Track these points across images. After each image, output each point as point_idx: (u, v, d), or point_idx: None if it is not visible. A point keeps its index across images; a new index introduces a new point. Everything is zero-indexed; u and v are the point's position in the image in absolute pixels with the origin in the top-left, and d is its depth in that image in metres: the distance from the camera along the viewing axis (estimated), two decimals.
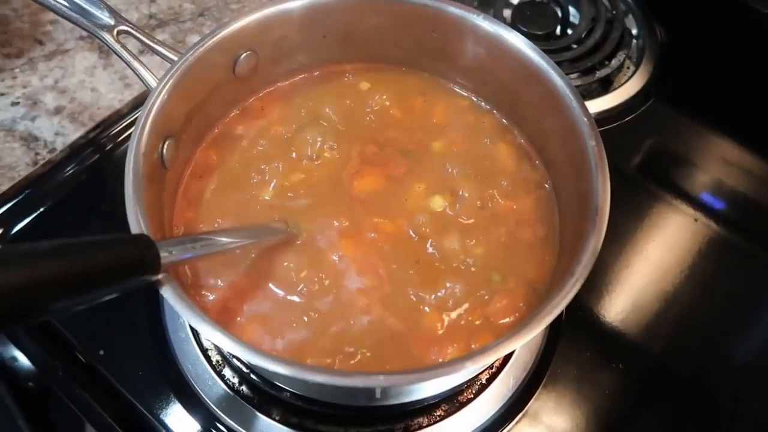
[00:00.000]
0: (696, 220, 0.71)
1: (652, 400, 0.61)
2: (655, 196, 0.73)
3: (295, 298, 0.51)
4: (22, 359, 0.60)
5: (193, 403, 0.58)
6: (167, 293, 0.42)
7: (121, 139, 0.75)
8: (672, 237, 0.70)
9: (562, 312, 0.61)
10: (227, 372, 0.58)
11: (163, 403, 0.58)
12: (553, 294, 0.43)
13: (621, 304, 0.65)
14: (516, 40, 0.56)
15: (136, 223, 0.44)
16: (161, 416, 0.57)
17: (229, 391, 0.58)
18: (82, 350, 0.60)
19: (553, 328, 0.62)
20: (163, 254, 0.40)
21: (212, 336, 0.41)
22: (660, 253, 0.69)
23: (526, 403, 0.58)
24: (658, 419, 0.60)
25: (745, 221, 0.73)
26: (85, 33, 0.78)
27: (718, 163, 0.77)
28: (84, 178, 0.72)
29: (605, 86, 0.82)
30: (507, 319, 0.51)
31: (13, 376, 0.60)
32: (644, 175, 0.76)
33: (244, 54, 0.58)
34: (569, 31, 0.85)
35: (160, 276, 0.41)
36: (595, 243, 0.45)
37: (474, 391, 0.58)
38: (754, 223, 0.73)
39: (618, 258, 0.68)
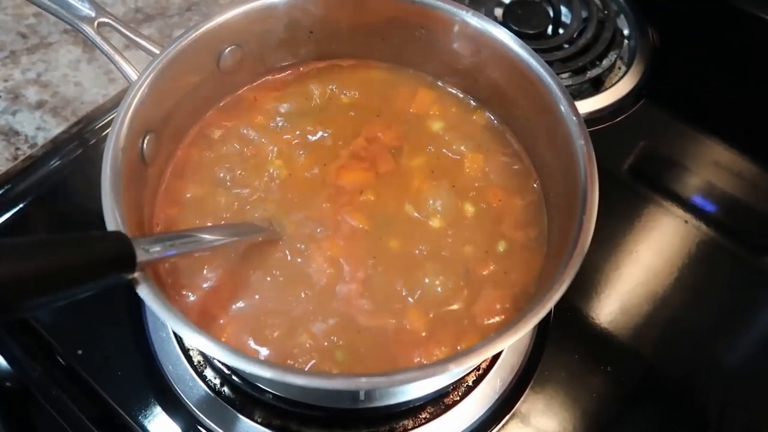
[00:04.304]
0: (686, 222, 0.71)
1: (640, 402, 0.60)
2: (645, 197, 0.73)
3: (278, 298, 0.50)
4: None
5: (173, 404, 0.56)
6: (143, 292, 0.40)
7: (104, 134, 0.73)
8: (662, 239, 0.70)
9: (550, 313, 0.61)
10: (209, 373, 0.57)
11: (142, 405, 0.56)
12: (540, 294, 0.43)
13: (610, 307, 0.64)
14: (505, 37, 0.55)
15: (113, 219, 0.43)
16: (140, 418, 0.56)
17: (210, 392, 0.56)
18: (60, 349, 0.59)
19: (541, 330, 0.61)
20: (138, 252, 0.39)
21: (189, 337, 0.40)
22: (650, 256, 0.68)
23: (513, 406, 0.58)
24: (646, 422, 0.59)
25: (735, 224, 0.72)
26: (69, 26, 0.77)
27: (709, 166, 0.76)
28: (66, 174, 0.70)
29: (596, 86, 0.81)
30: (494, 320, 0.50)
31: None
32: (634, 177, 0.75)
33: (229, 48, 0.57)
34: (561, 31, 0.84)
35: (136, 274, 0.40)
36: (583, 243, 0.44)
37: (460, 393, 0.57)
38: (744, 226, 0.72)
39: (607, 260, 0.67)
